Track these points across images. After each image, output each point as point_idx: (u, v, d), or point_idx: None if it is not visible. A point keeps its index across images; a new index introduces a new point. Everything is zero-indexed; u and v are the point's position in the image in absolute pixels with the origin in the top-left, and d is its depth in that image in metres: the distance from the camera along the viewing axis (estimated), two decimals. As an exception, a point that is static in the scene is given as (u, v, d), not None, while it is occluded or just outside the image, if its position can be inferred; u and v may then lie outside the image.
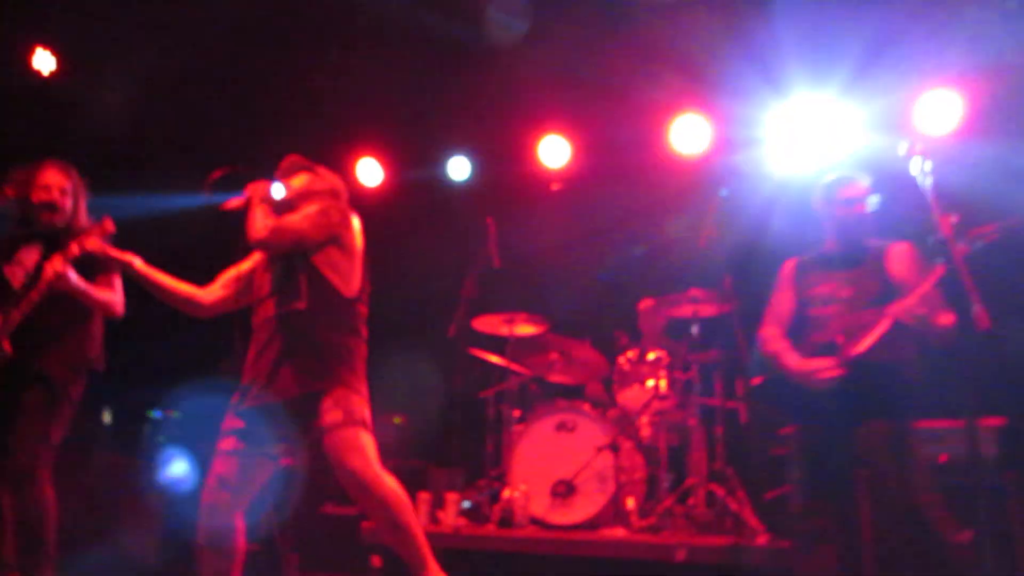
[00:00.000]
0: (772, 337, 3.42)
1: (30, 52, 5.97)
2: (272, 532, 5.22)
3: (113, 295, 3.60)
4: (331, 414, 2.81)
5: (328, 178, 3.26)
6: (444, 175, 6.77)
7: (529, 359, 5.25)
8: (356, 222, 3.16)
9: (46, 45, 5.96)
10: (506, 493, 4.55)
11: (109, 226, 3.39)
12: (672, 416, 4.95)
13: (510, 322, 5.14)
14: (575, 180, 6.63)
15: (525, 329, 5.22)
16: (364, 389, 2.96)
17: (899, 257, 3.32)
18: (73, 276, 3.38)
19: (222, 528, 2.85)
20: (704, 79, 5.90)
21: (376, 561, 4.32)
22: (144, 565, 5.20)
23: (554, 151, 6.49)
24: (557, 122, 6.48)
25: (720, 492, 4.39)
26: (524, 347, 5.21)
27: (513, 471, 4.66)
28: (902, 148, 2.95)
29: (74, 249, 3.34)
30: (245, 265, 3.21)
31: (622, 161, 6.45)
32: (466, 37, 5.82)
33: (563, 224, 6.46)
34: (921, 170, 2.89)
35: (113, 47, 5.78)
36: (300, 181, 3.19)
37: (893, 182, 3.32)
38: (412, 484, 4.85)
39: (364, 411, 2.90)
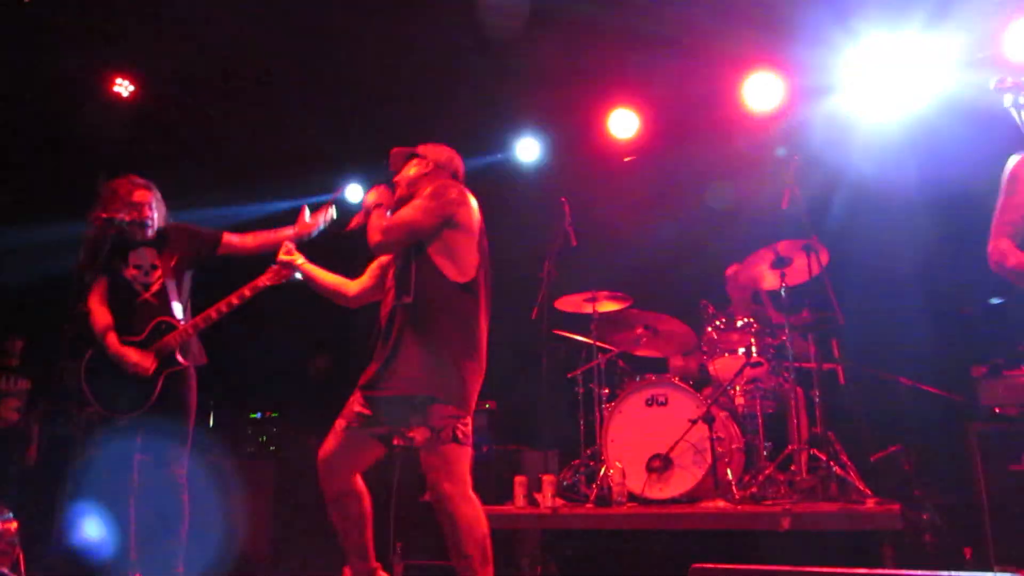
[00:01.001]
0: (1011, 249, 2.89)
1: (110, 78, 6.26)
2: (378, 521, 5.35)
3: None
4: (420, 432, 2.84)
5: (433, 154, 3.24)
6: (515, 158, 6.76)
7: (615, 336, 5.20)
8: (472, 199, 3.10)
9: (124, 70, 6.23)
10: (602, 471, 4.52)
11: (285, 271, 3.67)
12: (766, 382, 4.82)
13: (593, 300, 5.09)
14: (647, 149, 6.52)
15: (608, 306, 5.16)
16: (465, 392, 2.92)
17: None
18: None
19: (342, 493, 3.03)
20: (775, 30, 5.71)
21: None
22: (256, 560, 5.41)
23: (624, 122, 6.40)
24: (624, 91, 6.38)
25: (822, 457, 4.26)
26: (609, 324, 5.16)
27: (607, 449, 4.63)
28: (992, 81, 2.75)
29: (258, 285, 3.73)
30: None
31: (694, 124, 6.31)
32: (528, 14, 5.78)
33: (638, 196, 6.36)
34: (1015, 103, 2.68)
35: (186, 64, 5.99)
36: (409, 171, 3.21)
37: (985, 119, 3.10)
38: (507, 468, 4.92)
39: (455, 426, 2.87)
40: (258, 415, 6.53)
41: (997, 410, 4.27)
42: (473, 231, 3.05)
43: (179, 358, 3.81)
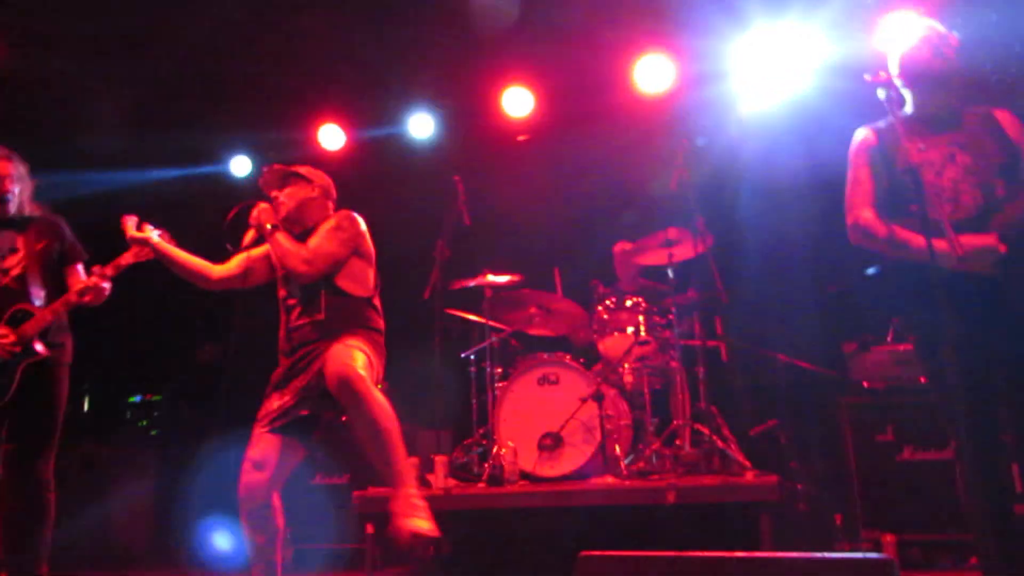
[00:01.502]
0: (876, 220, 2.83)
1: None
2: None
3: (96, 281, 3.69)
4: (334, 347, 3.04)
5: (317, 180, 3.46)
6: (407, 135, 6.67)
7: (508, 315, 5.22)
8: (362, 222, 3.37)
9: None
10: (494, 450, 4.55)
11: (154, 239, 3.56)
12: (654, 360, 4.95)
13: (486, 279, 5.09)
14: (541, 129, 6.54)
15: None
16: (379, 362, 3.20)
17: (1013, 125, 2.84)
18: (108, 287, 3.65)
19: (260, 507, 3.06)
20: (666, 13, 5.81)
21: (370, 528, 4.33)
22: (133, 551, 5.21)
23: (517, 101, 6.39)
24: (518, 71, 6.37)
25: (705, 431, 4.41)
26: (502, 303, 5.17)
27: (500, 428, 4.66)
28: (867, 75, 2.84)
29: (121, 263, 3.59)
30: (258, 251, 3.43)
31: (587, 105, 6.36)
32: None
33: (532, 175, 6.38)
34: (887, 96, 2.78)
35: (55, 26, 5.60)
36: (293, 191, 3.40)
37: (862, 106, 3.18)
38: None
39: (369, 353, 3.10)
40: (137, 398, 6.26)
41: (866, 384, 4.52)
42: (371, 255, 3.39)
43: (37, 348, 3.58)
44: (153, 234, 3.41)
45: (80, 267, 3.81)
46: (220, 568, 4.73)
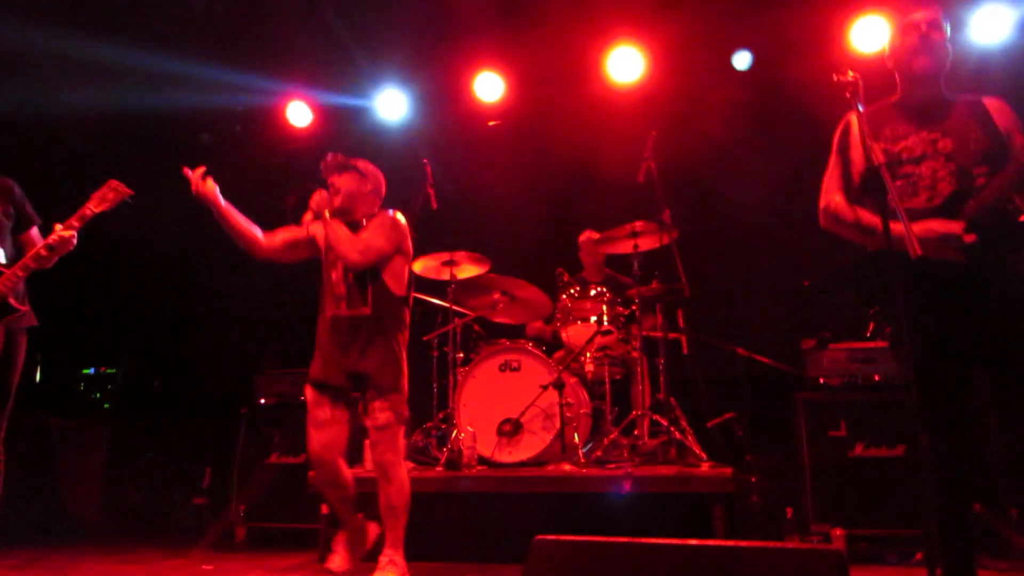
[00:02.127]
0: (844, 204, 2.84)
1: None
2: (219, 484, 5.19)
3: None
4: (383, 415, 3.44)
5: (371, 176, 3.69)
6: (376, 115, 6.61)
7: (472, 300, 5.20)
8: (403, 219, 3.63)
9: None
10: (453, 435, 4.55)
11: (123, 190, 3.66)
12: (615, 350, 4.97)
13: (451, 263, 5.07)
14: (511, 115, 6.52)
15: (467, 270, 5.16)
16: (406, 382, 3.56)
17: (1003, 112, 2.81)
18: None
19: (331, 466, 3.46)
20: (638, 3, 5.81)
21: (325, 508, 4.31)
22: (83, 523, 5.13)
23: (489, 86, 6.36)
24: (491, 56, 6.33)
25: (663, 422, 4.45)
26: (466, 288, 5.15)
27: (460, 413, 4.66)
28: (835, 75, 2.84)
29: (86, 213, 3.58)
30: (304, 232, 3.63)
31: (558, 93, 6.35)
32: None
33: (500, 160, 6.36)
34: (854, 95, 2.79)
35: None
36: (346, 181, 3.62)
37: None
38: (358, 433, 4.84)
39: (406, 410, 3.54)
40: (91, 371, 6.14)
41: (821, 380, 4.59)
42: (410, 255, 3.69)
43: (13, 303, 3.50)
44: (215, 189, 3.48)
45: (35, 231, 3.73)
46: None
